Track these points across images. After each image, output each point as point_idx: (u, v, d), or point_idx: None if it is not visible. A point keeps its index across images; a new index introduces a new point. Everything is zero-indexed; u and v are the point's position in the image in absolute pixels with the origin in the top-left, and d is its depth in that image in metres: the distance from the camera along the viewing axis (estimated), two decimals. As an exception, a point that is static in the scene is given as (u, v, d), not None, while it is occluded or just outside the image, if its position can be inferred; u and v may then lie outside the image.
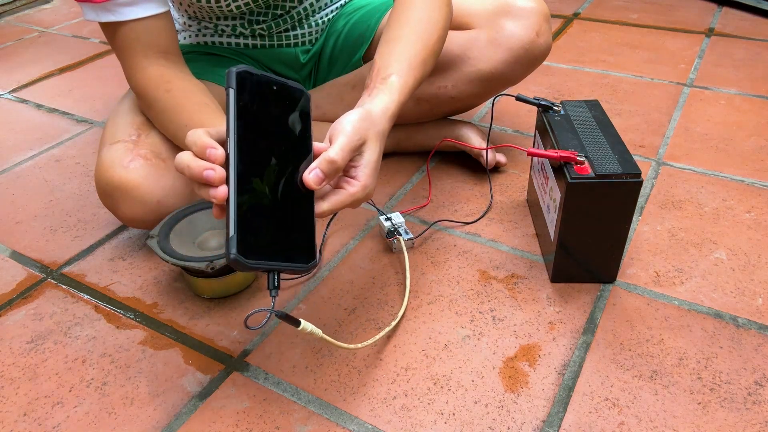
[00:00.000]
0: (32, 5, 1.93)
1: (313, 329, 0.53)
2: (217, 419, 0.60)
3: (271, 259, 0.48)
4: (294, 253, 0.50)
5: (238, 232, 0.45)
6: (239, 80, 0.47)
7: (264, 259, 0.47)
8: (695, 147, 0.99)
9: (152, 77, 0.73)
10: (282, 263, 0.49)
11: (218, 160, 0.47)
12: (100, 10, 0.70)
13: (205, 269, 0.68)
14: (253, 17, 0.89)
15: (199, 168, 0.47)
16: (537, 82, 1.23)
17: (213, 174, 0.47)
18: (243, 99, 0.47)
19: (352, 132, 0.54)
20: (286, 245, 0.50)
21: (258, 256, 0.47)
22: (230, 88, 0.47)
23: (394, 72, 0.64)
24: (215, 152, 0.47)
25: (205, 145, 0.47)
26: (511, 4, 0.83)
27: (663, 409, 0.58)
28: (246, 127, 0.47)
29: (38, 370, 0.67)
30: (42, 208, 0.94)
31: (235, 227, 0.45)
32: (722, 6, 1.56)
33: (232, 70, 0.47)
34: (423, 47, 0.68)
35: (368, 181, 0.56)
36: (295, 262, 0.50)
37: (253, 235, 0.47)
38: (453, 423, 0.58)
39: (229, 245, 0.45)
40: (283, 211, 0.50)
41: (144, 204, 0.74)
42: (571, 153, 0.66)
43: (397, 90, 0.63)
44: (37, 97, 1.31)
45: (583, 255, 0.71)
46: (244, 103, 0.47)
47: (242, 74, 0.47)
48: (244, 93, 0.47)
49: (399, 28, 0.69)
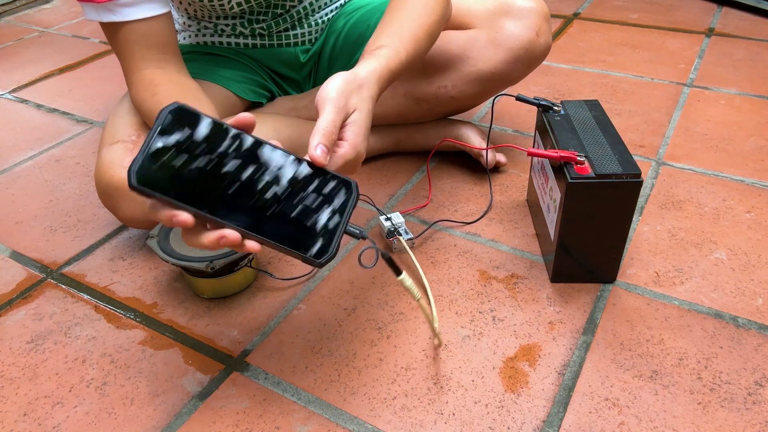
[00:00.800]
0: (32, 5, 1.93)
1: (411, 286, 0.54)
2: (217, 419, 0.60)
3: (336, 227, 0.50)
4: (338, 201, 0.51)
5: (300, 250, 0.48)
6: (143, 183, 0.44)
7: (333, 235, 0.50)
8: (695, 147, 0.99)
9: (144, 80, 0.73)
10: (344, 216, 0.51)
11: (189, 222, 0.45)
12: (101, 10, 0.70)
13: (205, 269, 0.68)
14: (253, 16, 0.89)
15: (212, 242, 0.47)
16: (537, 82, 1.23)
17: (228, 240, 0.46)
18: (163, 186, 0.45)
19: (337, 96, 0.54)
20: (328, 208, 0.50)
21: (330, 241, 0.49)
22: (152, 197, 0.45)
23: (384, 44, 0.64)
24: (180, 218, 0.45)
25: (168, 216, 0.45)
26: (511, 4, 0.83)
27: (663, 409, 0.58)
28: (190, 194, 0.46)
29: (38, 370, 0.67)
30: (42, 208, 0.94)
31: (295, 252, 0.48)
32: (722, 6, 1.56)
33: (132, 186, 0.44)
34: (418, 26, 0.68)
35: (357, 141, 0.56)
36: (347, 205, 0.51)
37: (309, 238, 0.49)
38: (453, 423, 0.58)
39: (310, 263, 0.48)
40: (293, 194, 0.49)
41: (144, 204, 0.74)
42: (571, 153, 0.66)
43: (385, 57, 0.63)
44: (37, 97, 1.31)
45: (583, 255, 0.71)
46: (168, 186, 0.45)
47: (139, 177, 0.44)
48: (156, 182, 0.45)
49: (391, 12, 0.70)
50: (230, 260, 0.69)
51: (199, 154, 0.47)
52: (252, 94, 0.93)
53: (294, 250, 0.48)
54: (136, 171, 0.44)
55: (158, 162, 0.45)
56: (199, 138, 0.47)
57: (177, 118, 0.47)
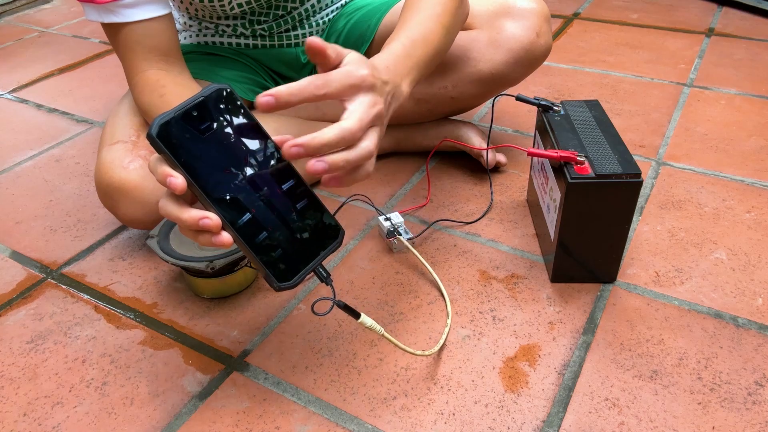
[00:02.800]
0: (32, 5, 1.93)
1: (372, 324, 0.54)
2: (217, 419, 0.60)
3: (308, 262, 0.50)
4: (320, 239, 0.51)
5: (267, 266, 0.47)
6: (162, 137, 0.45)
7: (302, 267, 0.49)
8: (695, 147, 0.99)
9: (149, 81, 0.73)
10: (318, 256, 0.50)
11: (179, 187, 0.45)
12: (102, 11, 0.70)
13: (205, 269, 0.68)
14: (254, 17, 0.89)
15: (192, 219, 0.46)
16: (537, 82, 1.23)
17: (210, 222, 0.45)
18: (177, 148, 0.45)
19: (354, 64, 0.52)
20: (310, 240, 0.50)
21: (296, 271, 0.49)
22: (162, 152, 0.45)
23: (398, 38, 0.62)
24: (175, 181, 0.45)
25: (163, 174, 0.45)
26: (512, 5, 0.83)
27: (663, 409, 0.58)
28: (195, 166, 0.46)
29: (38, 370, 0.67)
30: (42, 208, 0.94)
31: (262, 264, 0.47)
32: (722, 6, 1.56)
33: (150, 135, 0.44)
34: (434, 24, 0.66)
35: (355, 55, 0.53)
36: (327, 247, 0.51)
37: (281, 258, 0.48)
38: (453, 423, 0.58)
39: (270, 281, 0.48)
40: (286, 211, 0.50)
41: (144, 205, 0.74)
42: (571, 153, 0.66)
43: (401, 42, 0.61)
44: (37, 97, 1.31)
45: (583, 255, 0.71)
46: (181, 150, 0.46)
47: (161, 130, 0.45)
48: (173, 141, 0.45)
49: (408, 11, 0.67)
50: (230, 260, 0.69)
51: (223, 140, 0.47)
52: (252, 95, 0.93)
53: (261, 263, 0.47)
54: (161, 123, 0.45)
55: (185, 125, 0.46)
56: (230, 125, 0.48)
57: (223, 99, 0.48)
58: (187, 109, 0.46)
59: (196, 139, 0.46)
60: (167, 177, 0.45)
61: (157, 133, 0.45)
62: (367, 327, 0.54)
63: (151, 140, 0.45)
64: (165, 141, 0.45)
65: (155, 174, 0.46)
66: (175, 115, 0.46)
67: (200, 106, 0.47)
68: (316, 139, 0.48)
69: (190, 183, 0.46)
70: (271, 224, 0.49)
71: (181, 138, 0.46)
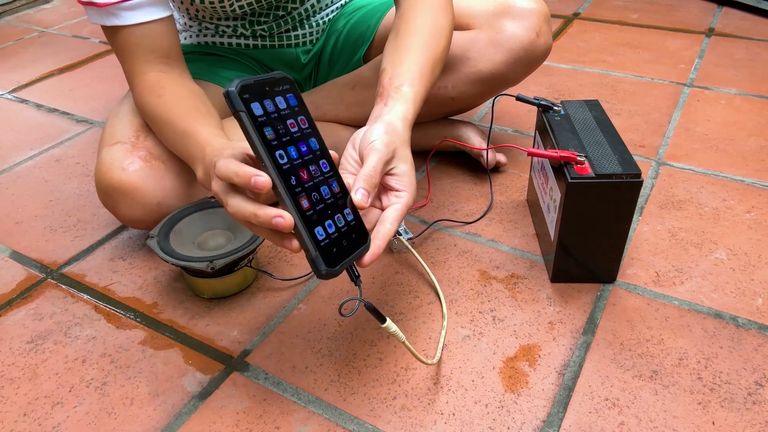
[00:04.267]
0: (32, 5, 1.93)
1: (396, 331, 0.55)
2: (217, 419, 0.60)
3: (347, 257, 0.51)
4: (355, 240, 0.53)
5: (317, 249, 0.49)
6: (243, 97, 0.46)
7: (343, 259, 0.51)
8: (695, 147, 0.99)
9: (148, 83, 0.73)
10: (353, 254, 0.52)
11: (266, 187, 0.47)
12: (104, 14, 0.70)
13: (205, 269, 0.68)
14: (254, 18, 0.89)
15: (267, 217, 0.48)
16: (537, 82, 1.23)
17: (283, 221, 0.47)
18: (255, 117, 0.47)
19: (384, 147, 0.56)
20: (348, 237, 0.52)
21: (339, 261, 0.50)
22: (240, 111, 0.46)
23: (406, 82, 0.65)
24: (261, 180, 0.47)
25: (248, 174, 0.47)
26: (512, 5, 0.83)
27: (663, 409, 0.59)
28: (271, 144, 0.47)
29: (38, 370, 0.67)
30: (42, 208, 0.94)
31: (314, 246, 0.48)
32: (722, 6, 1.56)
33: (231, 91, 0.46)
34: (432, 56, 0.68)
35: (413, 189, 0.58)
36: (359, 248, 0.53)
37: (328, 245, 0.50)
38: (453, 423, 0.58)
39: (316, 264, 0.49)
40: (333, 207, 0.51)
41: (144, 205, 0.74)
42: (571, 153, 0.66)
43: (411, 99, 0.64)
44: (37, 97, 1.31)
45: (583, 255, 0.71)
46: (259, 122, 0.47)
47: (242, 90, 0.46)
48: (252, 109, 0.47)
49: (407, 36, 0.69)
50: (230, 260, 0.69)
51: (293, 122, 0.50)
52: (252, 94, 0.93)
53: (314, 245, 0.49)
54: (242, 84, 0.46)
55: (263, 94, 0.48)
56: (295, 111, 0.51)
57: (289, 85, 0.50)
58: (267, 80, 0.48)
59: (269, 113, 0.48)
60: (252, 177, 0.47)
61: (237, 92, 0.45)
62: (391, 333, 0.55)
63: (229, 97, 0.45)
64: (244, 102, 0.46)
65: (235, 176, 0.48)
66: (256, 81, 0.47)
67: (276, 83, 0.49)
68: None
69: (274, 179, 0.47)
70: (326, 212, 0.50)
71: (257, 106, 0.47)
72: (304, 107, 0.52)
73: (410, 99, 0.64)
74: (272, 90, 0.49)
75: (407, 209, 0.57)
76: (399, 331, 0.55)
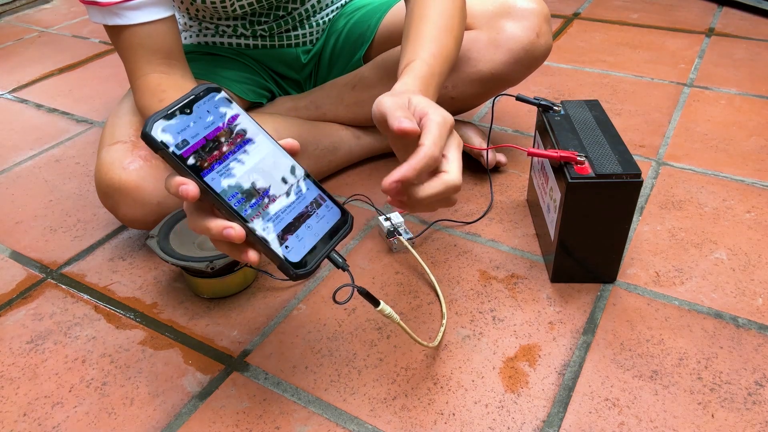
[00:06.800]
0: (32, 5, 1.93)
1: (391, 313, 0.55)
2: (217, 419, 0.60)
3: (322, 249, 0.49)
4: (330, 225, 0.51)
5: (283, 254, 0.47)
6: (159, 134, 0.44)
7: (316, 254, 0.49)
8: (695, 147, 0.99)
9: (150, 85, 0.73)
10: (331, 242, 0.50)
11: (189, 195, 0.44)
12: (106, 13, 0.69)
13: (205, 269, 0.68)
14: (255, 18, 0.89)
15: (218, 229, 0.46)
16: (537, 82, 1.23)
17: (233, 232, 0.46)
18: (176, 152, 0.45)
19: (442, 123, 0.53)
20: (319, 226, 0.50)
21: (310, 258, 0.48)
22: (159, 150, 0.44)
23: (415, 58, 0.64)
24: (185, 187, 0.44)
25: (176, 183, 0.45)
26: (512, 5, 0.83)
27: (663, 409, 0.58)
28: (203, 168, 0.46)
29: (38, 370, 0.67)
30: (42, 208, 0.94)
31: (275, 252, 0.47)
32: (722, 6, 1.56)
33: (144, 133, 0.44)
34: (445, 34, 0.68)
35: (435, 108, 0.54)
36: (338, 232, 0.51)
37: (293, 245, 0.48)
38: (453, 423, 0.58)
39: (285, 269, 0.47)
40: (289, 203, 0.50)
41: (144, 205, 0.74)
42: (571, 153, 0.66)
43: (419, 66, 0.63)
44: (37, 97, 1.31)
45: (583, 255, 0.71)
46: (180, 154, 0.45)
47: (154, 128, 0.44)
48: (169, 145, 0.45)
49: (412, 25, 0.69)
50: (230, 260, 0.69)
51: (220, 136, 0.48)
52: (252, 95, 0.93)
53: (275, 253, 0.47)
54: (155, 121, 0.44)
55: (178, 123, 0.45)
56: (224, 121, 0.48)
57: (213, 96, 0.48)
58: (180, 106, 0.46)
59: (192, 136, 0.46)
60: (179, 186, 0.44)
61: (152, 130, 0.44)
62: (386, 315, 0.55)
63: (146, 139, 0.44)
64: (162, 140, 0.44)
65: (169, 188, 0.46)
66: (169, 113, 0.45)
67: (191, 105, 0.46)
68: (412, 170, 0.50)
69: (201, 187, 0.45)
70: (281, 214, 0.49)
71: (176, 137, 0.45)
72: (237, 110, 0.49)
73: (418, 66, 0.62)
74: (191, 110, 0.47)
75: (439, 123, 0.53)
76: (394, 313, 0.55)
